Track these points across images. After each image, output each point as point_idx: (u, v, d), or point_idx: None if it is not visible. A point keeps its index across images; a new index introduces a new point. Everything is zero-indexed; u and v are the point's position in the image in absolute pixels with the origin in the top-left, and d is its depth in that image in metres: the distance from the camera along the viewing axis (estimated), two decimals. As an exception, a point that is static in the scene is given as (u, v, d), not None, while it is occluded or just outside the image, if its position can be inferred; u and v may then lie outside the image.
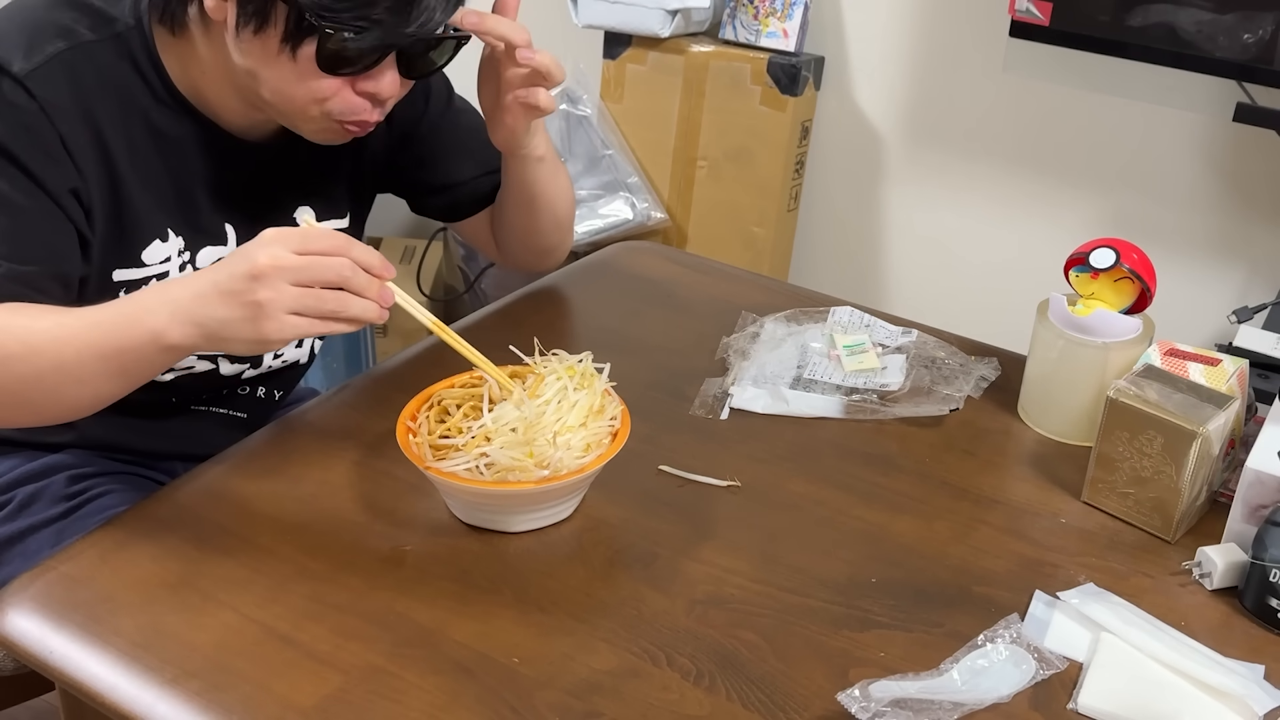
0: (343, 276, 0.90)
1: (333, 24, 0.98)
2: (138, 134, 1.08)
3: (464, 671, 0.87)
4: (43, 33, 1.02)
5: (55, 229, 1.03)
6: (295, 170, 1.19)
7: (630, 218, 2.35)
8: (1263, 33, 1.65)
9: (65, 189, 1.02)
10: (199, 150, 1.12)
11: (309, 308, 0.89)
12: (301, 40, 1.00)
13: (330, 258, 0.90)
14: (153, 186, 1.09)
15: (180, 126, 1.10)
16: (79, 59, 1.03)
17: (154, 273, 1.12)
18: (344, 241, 0.92)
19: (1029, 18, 1.82)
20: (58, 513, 1.17)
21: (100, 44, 1.05)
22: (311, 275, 0.89)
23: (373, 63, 1.03)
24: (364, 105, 1.06)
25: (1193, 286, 2.05)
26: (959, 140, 2.22)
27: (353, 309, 0.91)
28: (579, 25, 2.30)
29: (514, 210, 1.31)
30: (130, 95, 1.07)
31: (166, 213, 1.11)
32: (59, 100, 1.01)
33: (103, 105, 1.05)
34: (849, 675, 0.88)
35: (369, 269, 0.91)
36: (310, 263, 0.89)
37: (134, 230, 1.09)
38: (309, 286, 0.89)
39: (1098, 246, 1.15)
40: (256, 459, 1.10)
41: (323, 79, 1.03)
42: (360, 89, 1.05)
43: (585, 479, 1.00)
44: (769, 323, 1.34)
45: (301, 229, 0.94)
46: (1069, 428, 1.18)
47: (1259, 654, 0.92)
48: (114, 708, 0.85)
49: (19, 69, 0.99)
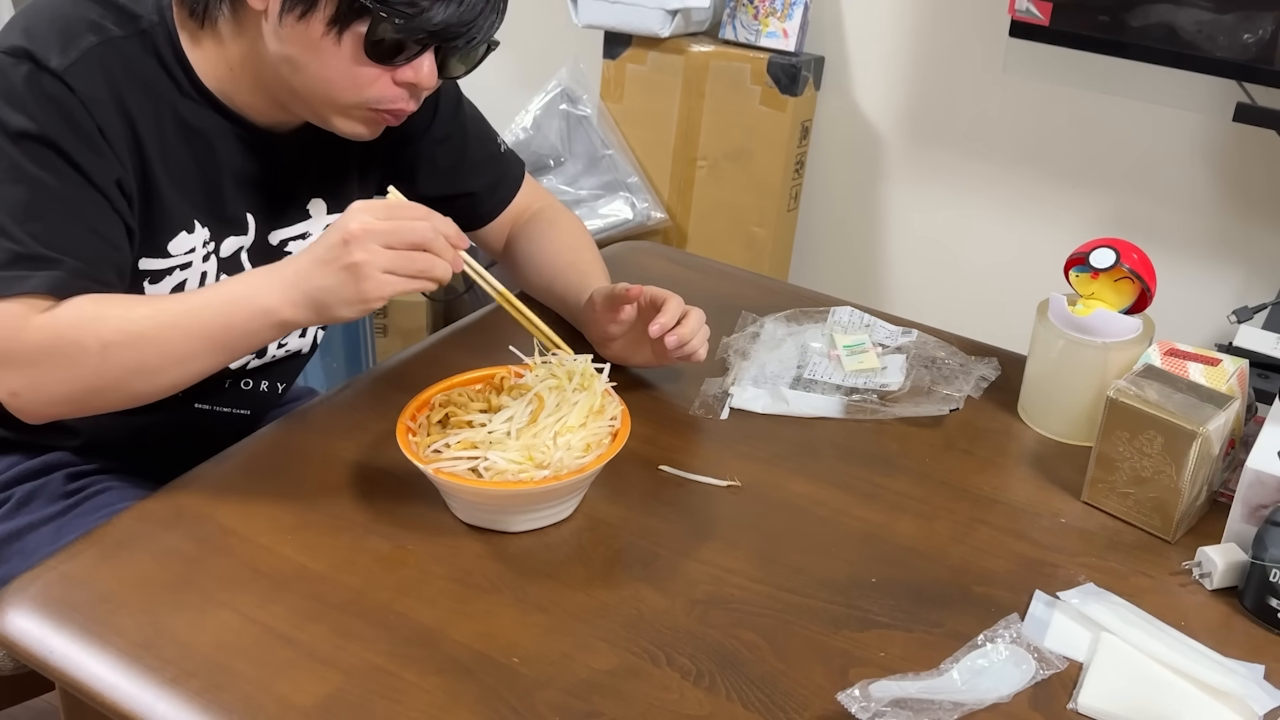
0: (425, 239, 0.97)
1: (385, 8, 1.01)
2: (167, 127, 1.09)
3: (464, 671, 0.87)
4: (74, 28, 1.04)
5: (104, 219, 1.04)
6: (314, 163, 1.20)
7: (630, 218, 2.35)
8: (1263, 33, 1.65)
9: (111, 180, 1.04)
10: (224, 142, 1.13)
11: (401, 266, 0.97)
12: (349, 24, 1.02)
13: (416, 222, 0.97)
14: (180, 179, 1.11)
15: (206, 119, 1.12)
16: (109, 53, 1.05)
17: (178, 263, 1.13)
18: (425, 210, 0.99)
19: (1029, 18, 1.82)
20: (56, 510, 1.17)
21: (127, 39, 1.06)
22: (399, 238, 0.96)
23: (415, 54, 1.05)
24: (401, 94, 1.08)
25: (1193, 286, 2.05)
26: (959, 140, 2.22)
27: (437, 270, 0.98)
28: (579, 25, 2.30)
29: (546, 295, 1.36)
30: (157, 90, 1.08)
31: (194, 204, 1.13)
32: (96, 93, 1.03)
33: (133, 98, 1.06)
34: (849, 675, 0.88)
35: (447, 237, 0.99)
36: (398, 226, 0.97)
37: (162, 221, 1.11)
38: (398, 249, 0.96)
39: (1098, 246, 1.15)
40: (257, 459, 1.10)
41: (364, 66, 1.04)
42: (399, 78, 1.06)
43: (585, 479, 1.00)
44: (769, 323, 1.34)
45: (388, 200, 1.02)
46: (1069, 428, 1.18)
47: (1259, 654, 0.92)
48: (114, 708, 0.85)
49: (57, 64, 1.01)
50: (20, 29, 1.03)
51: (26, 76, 1.00)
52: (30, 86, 1.00)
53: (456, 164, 1.32)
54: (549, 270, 1.34)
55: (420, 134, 1.28)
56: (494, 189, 1.37)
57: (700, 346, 1.17)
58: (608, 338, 1.23)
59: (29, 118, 1.00)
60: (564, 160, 2.44)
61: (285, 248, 1.21)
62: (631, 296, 1.18)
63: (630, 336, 1.21)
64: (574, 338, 1.29)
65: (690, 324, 1.16)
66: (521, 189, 1.39)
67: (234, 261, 1.18)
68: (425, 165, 1.31)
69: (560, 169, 2.44)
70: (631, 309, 1.19)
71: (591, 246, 1.38)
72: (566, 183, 2.42)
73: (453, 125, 1.31)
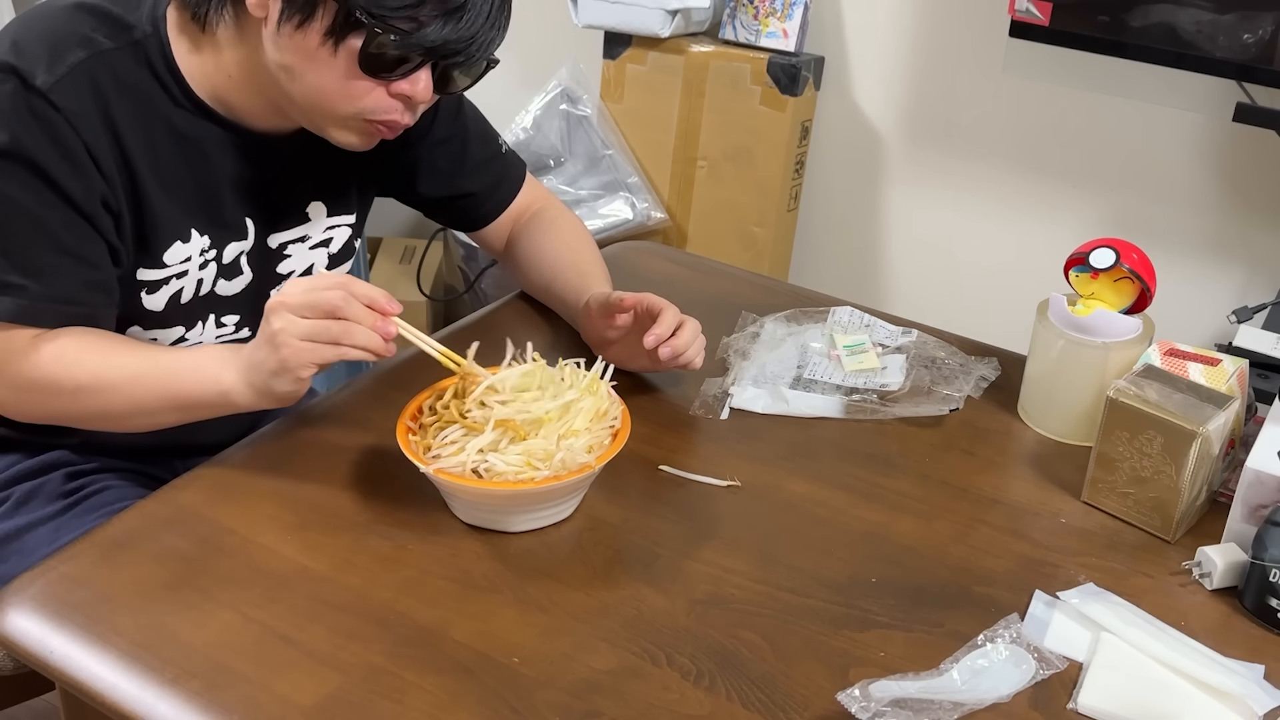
0: (335, 305, 0.98)
1: (381, 24, 1.00)
2: (159, 138, 1.09)
3: (464, 671, 0.87)
4: (63, 42, 1.04)
5: (80, 240, 1.05)
6: (312, 167, 1.20)
7: (630, 218, 2.35)
8: (1263, 33, 1.65)
9: (94, 198, 1.05)
10: (219, 149, 1.13)
11: (317, 333, 0.98)
12: (344, 36, 1.02)
13: (327, 291, 0.98)
14: (175, 189, 1.11)
15: (200, 128, 1.11)
16: (99, 67, 1.04)
17: (174, 272, 1.13)
18: (345, 279, 1.00)
19: (1029, 18, 1.82)
20: (55, 510, 1.17)
21: (119, 51, 1.06)
22: (313, 307, 0.98)
23: (412, 69, 1.05)
24: (396, 106, 1.08)
25: (1193, 286, 2.05)
26: (959, 140, 2.22)
27: (356, 336, 0.98)
28: (579, 25, 2.30)
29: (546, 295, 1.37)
30: (150, 100, 1.08)
31: (190, 214, 1.13)
32: (82, 109, 1.03)
33: (122, 111, 1.06)
34: (849, 675, 0.88)
35: (372, 304, 0.99)
36: (311, 296, 0.98)
37: (155, 232, 1.11)
38: (311, 317, 0.98)
39: (1097, 246, 1.15)
40: (257, 458, 1.10)
41: (359, 79, 1.04)
42: (395, 91, 1.06)
43: (585, 479, 1.00)
44: (769, 323, 1.34)
45: (313, 275, 1.07)
46: (1069, 428, 1.18)
47: (1259, 654, 0.92)
48: (114, 708, 0.85)
49: (43, 82, 1.01)
50: (9, 43, 1.03)
51: (11, 94, 1.00)
52: (14, 104, 1.00)
53: (457, 165, 1.32)
54: (549, 270, 1.34)
55: (421, 136, 1.28)
56: (495, 189, 1.37)
57: (696, 357, 1.18)
58: (605, 342, 1.23)
59: (10, 135, 1.00)
60: (564, 160, 2.44)
61: (285, 251, 1.21)
62: (625, 306, 1.19)
63: (627, 342, 1.21)
64: (573, 338, 1.29)
65: (685, 335, 1.16)
66: (523, 189, 1.39)
67: (234, 267, 1.18)
68: (426, 167, 1.31)
69: (560, 169, 2.44)
70: (627, 317, 1.20)
71: (592, 247, 1.38)
72: (566, 183, 2.42)
73: (453, 127, 1.31)
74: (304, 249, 1.23)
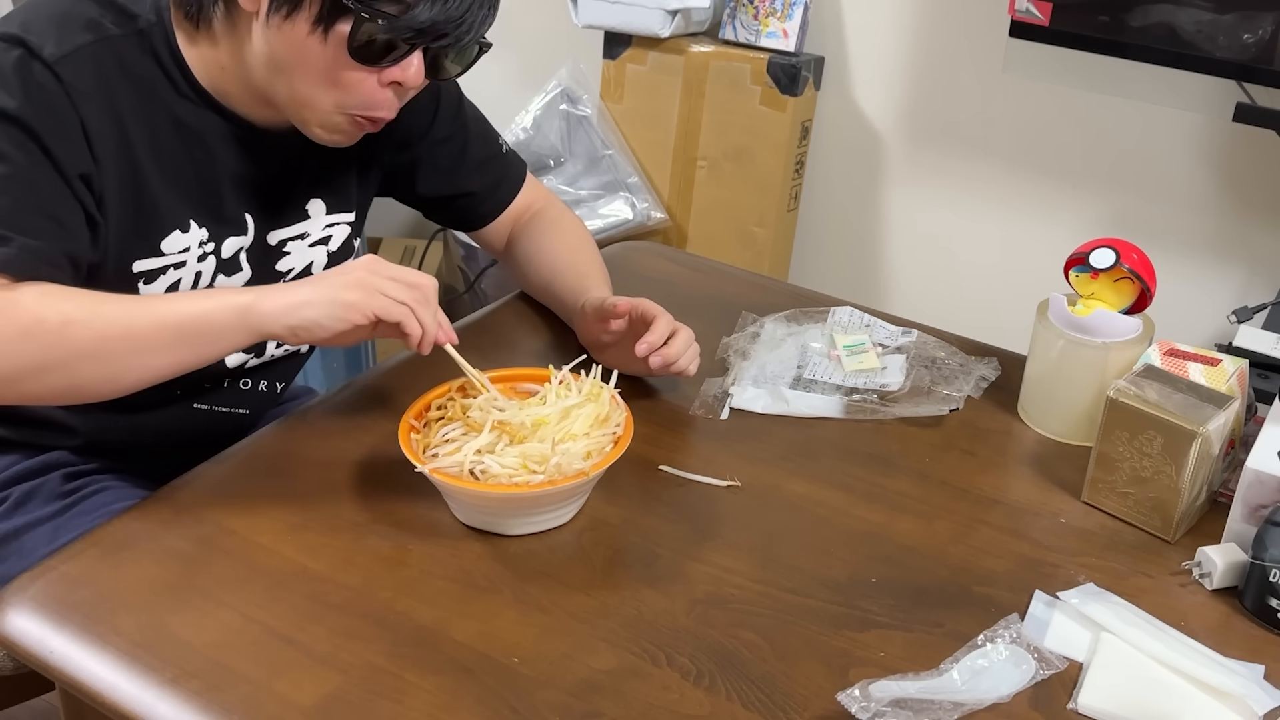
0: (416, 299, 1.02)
1: (368, 9, 1.00)
2: (162, 127, 1.09)
3: (464, 671, 0.87)
4: (71, 24, 1.04)
5: (65, 206, 1.04)
6: (312, 163, 1.20)
7: (630, 218, 2.35)
8: (1263, 33, 1.65)
9: (77, 172, 1.03)
10: (222, 142, 1.13)
11: (394, 292, 1.01)
12: (333, 23, 1.01)
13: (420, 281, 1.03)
14: (175, 178, 1.11)
15: (202, 120, 1.11)
16: (104, 52, 1.05)
17: (171, 262, 1.13)
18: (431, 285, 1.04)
19: (1029, 18, 1.82)
20: (54, 510, 1.17)
21: (124, 39, 1.06)
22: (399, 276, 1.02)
23: (402, 54, 1.04)
24: (383, 100, 1.07)
25: (1192, 286, 2.05)
26: (959, 140, 2.22)
27: (411, 324, 1.01)
28: (579, 25, 2.30)
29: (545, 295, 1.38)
30: (153, 89, 1.08)
31: (190, 204, 1.13)
32: (85, 88, 1.03)
33: (126, 97, 1.06)
34: (849, 675, 0.88)
35: (440, 323, 1.04)
36: (405, 272, 1.03)
37: (153, 220, 1.10)
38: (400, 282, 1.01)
39: (1097, 246, 1.15)
40: (257, 459, 1.10)
41: (350, 69, 1.04)
42: (385, 78, 1.06)
43: (582, 485, 1.00)
44: (769, 323, 1.34)
45: None
46: (1069, 428, 1.18)
47: (1259, 654, 0.92)
48: (114, 708, 0.85)
49: (50, 54, 1.01)
50: (18, 22, 1.03)
51: (17, 61, 1.00)
52: (18, 70, 1.00)
53: (457, 164, 1.32)
54: (548, 270, 1.34)
55: (421, 135, 1.28)
56: (495, 189, 1.37)
57: (688, 365, 1.18)
58: (600, 346, 1.23)
59: (10, 98, 0.99)
60: (564, 160, 2.44)
61: (284, 248, 1.21)
62: (619, 312, 1.19)
63: (622, 346, 1.21)
64: (573, 339, 1.29)
65: (677, 345, 1.16)
66: (523, 189, 1.39)
67: (233, 262, 1.18)
68: (426, 166, 1.31)
69: (560, 169, 2.44)
70: (621, 322, 1.20)
71: (592, 247, 1.38)
72: (566, 183, 2.42)
73: (453, 126, 1.30)
74: (303, 246, 1.23)
